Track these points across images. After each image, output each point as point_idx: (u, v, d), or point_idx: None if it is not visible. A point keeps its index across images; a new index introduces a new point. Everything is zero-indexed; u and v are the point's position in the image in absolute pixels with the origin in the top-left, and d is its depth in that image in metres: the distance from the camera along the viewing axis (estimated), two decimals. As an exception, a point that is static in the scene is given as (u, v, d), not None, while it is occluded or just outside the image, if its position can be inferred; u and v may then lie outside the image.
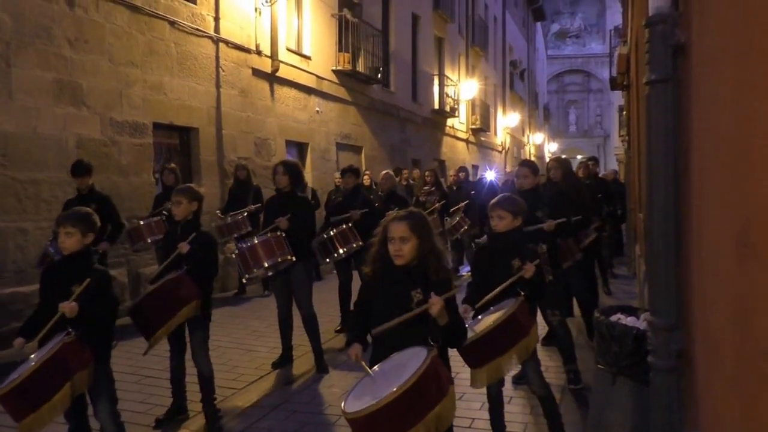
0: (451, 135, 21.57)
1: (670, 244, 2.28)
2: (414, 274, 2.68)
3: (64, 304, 3.09)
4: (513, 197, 3.81)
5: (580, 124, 51.13)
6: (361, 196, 6.97)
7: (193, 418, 4.40)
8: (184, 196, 4.24)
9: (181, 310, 3.96)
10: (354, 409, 2.29)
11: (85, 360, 3.16)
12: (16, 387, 2.95)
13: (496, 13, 28.88)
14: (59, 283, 3.29)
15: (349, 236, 6.34)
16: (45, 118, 6.56)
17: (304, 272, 5.50)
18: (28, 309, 6.16)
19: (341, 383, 5.15)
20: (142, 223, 6.92)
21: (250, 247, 5.17)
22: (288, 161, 5.77)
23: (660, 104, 2.30)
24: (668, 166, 2.29)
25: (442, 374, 2.44)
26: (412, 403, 2.28)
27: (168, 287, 4.00)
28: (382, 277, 2.78)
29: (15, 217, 6.25)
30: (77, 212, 3.45)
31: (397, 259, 2.68)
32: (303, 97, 11.79)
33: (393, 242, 2.67)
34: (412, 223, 2.68)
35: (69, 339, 3.08)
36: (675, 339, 2.25)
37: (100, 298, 3.25)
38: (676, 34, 2.24)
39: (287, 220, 5.30)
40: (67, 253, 3.37)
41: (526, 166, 5.19)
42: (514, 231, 3.64)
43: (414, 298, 2.62)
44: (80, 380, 3.11)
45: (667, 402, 2.26)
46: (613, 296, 8.27)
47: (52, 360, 2.99)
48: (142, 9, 7.85)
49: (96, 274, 3.32)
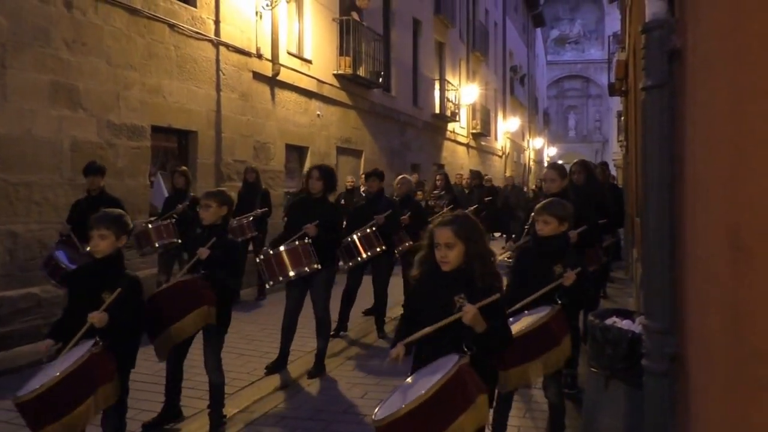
0: (451, 139, 21.59)
1: (664, 248, 2.28)
2: (459, 279, 2.63)
3: (93, 315, 3.01)
4: (562, 202, 3.76)
5: (579, 130, 51.29)
6: (384, 200, 6.93)
7: (186, 421, 4.37)
8: (215, 200, 4.12)
9: (189, 314, 3.81)
10: (379, 418, 2.30)
11: (110, 372, 3.07)
12: (38, 396, 2.82)
13: (496, 18, 28.96)
14: (90, 287, 3.20)
15: (373, 240, 6.33)
16: (40, 120, 6.53)
17: (326, 278, 5.45)
18: (16, 314, 6.12)
19: (335, 388, 5.14)
20: (151, 227, 6.85)
21: (277, 255, 5.11)
22: (323, 166, 5.68)
23: (656, 109, 2.30)
24: (663, 170, 2.29)
25: (470, 383, 2.37)
26: (435, 412, 2.25)
27: (179, 288, 3.90)
28: (428, 281, 2.74)
29: (5, 220, 6.19)
30: (111, 214, 3.35)
31: (443, 266, 2.64)
32: (303, 101, 11.80)
33: (439, 248, 2.64)
34: (457, 228, 2.63)
35: (96, 350, 2.98)
36: (669, 343, 2.24)
37: (129, 307, 3.16)
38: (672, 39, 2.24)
39: (316, 226, 5.25)
40: (100, 256, 3.25)
41: (553, 169, 5.07)
42: (558, 236, 3.60)
43: (457, 304, 2.56)
44: (104, 394, 3.02)
45: (661, 406, 2.25)
46: (610, 300, 8.27)
47: (78, 371, 2.89)
48: (141, 11, 7.86)
49: (127, 280, 3.23)
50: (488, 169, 25.93)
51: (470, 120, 23.85)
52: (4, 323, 6.03)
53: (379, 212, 6.59)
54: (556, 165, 5.51)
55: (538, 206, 3.70)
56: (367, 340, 6.64)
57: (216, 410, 4.22)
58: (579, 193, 5.36)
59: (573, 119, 51.61)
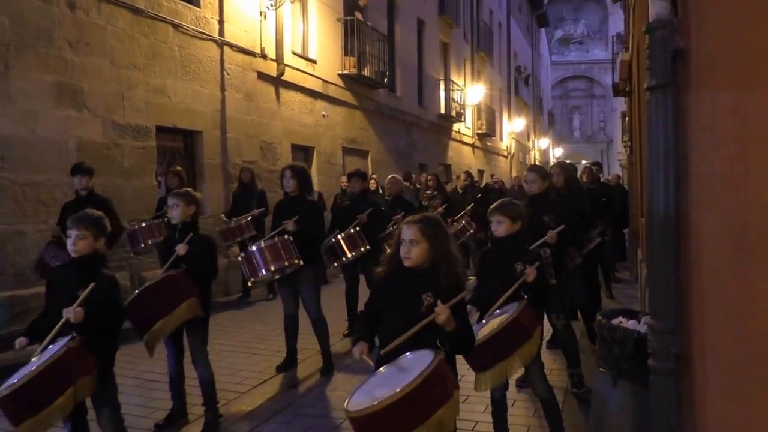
0: (457, 140, 21.59)
1: (669, 248, 2.28)
2: (425, 278, 2.71)
3: (68, 310, 3.04)
4: (512, 202, 3.83)
5: (583, 130, 51.20)
6: (368, 200, 6.95)
7: (193, 422, 4.38)
8: (182, 199, 4.22)
9: (178, 306, 3.92)
10: (356, 408, 2.30)
11: (89, 366, 3.10)
12: (16, 390, 2.87)
13: (500, 18, 28.95)
14: (67, 287, 3.24)
15: (357, 240, 6.34)
16: (45, 120, 6.56)
17: (312, 276, 5.47)
18: (27, 312, 6.17)
19: (346, 387, 5.14)
20: (144, 225, 6.88)
21: (258, 250, 5.14)
22: (295, 165, 5.73)
23: (660, 109, 2.30)
24: (668, 170, 2.29)
25: (447, 378, 2.44)
26: (415, 406, 2.28)
27: (165, 284, 3.97)
28: (394, 278, 2.81)
29: (13, 220, 6.24)
30: (90, 215, 3.38)
31: (405, 261, 2.72)
32: (309, 101, 11.82)
33: (403, 244, 2.72)
34: (423, 227, 2.72)
35: (73, 344, 3.02)
36: (674, 342, 2.24)
37: (106, 305, 3.20)
38: (675, 39, 2.24)
39: (294, 222, 5.28)
40: (77, 256, 3.29)
41: (534, 171, 5.18)
42: (513, 236, 3.66)
43: (424, 302, 2.65)
44: (83, 386, 3.06)
45: (666, 405, 2.25)
46: (616, 300, 8.26)
47: (55, 365, 2.93)
48: (145, 12, 7.88)
49: (104, 279, 3.27)
50: (494, 170, 25.95)
51: (475, 120, 23.84)
52: (15, 322, 6.08)
53: (363, 212, 6.61)
54: (537, 167, 5.67)
55: (491, 207, 3.77)
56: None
57: (211, 408, 4.23)
58: (558, 194, 5.44)
59: (578, 119, 51.53)
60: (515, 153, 32.07)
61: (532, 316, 3.43)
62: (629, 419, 2.75)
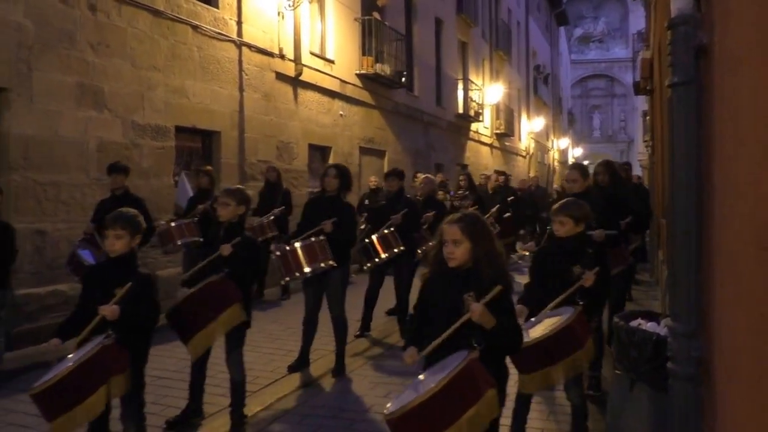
0: (475, 140, 21.49)
1: (691, 249, 2.23)
2: (469, 278, 2.68)
3: (104, 307, 3.07)
4: (577, 202, 3.75)
5: (604, 129, 50.70)
6: (404, 200, 6.93)
7: (208, 419, 4.41)
8: (233, 198, 4.19)
9: (222, 313, 3.91)
10: (390, 411, 2.36)
11: (123, 364, 3.13)
12: (51, 386, 2.90)
13: (519, 17, 28.77)
14: (103, 285, 3.26)
15: (391, 241, 6.33)
16: (66, 121, 6.65)
17: (341, 277, 5.47)
18: (43, 310, 6.26)
19: (358, 387, 5.13)
20: (173, 225, 6.96)
21: (293, 251, 5.15)
22: (340, 165, 5.73)
23: (682, 107, 2.26)
24: (690, 169, 2.25)
25: (480, 377, 2.42)
26: (444, 406, 2.30)
27: (210, 289, 3.95)
28: (438, 279, 2.80)
29: (33, 219, 6.33)
30: (126, 214, 3.40)
31: (449, 262, 2.70)
32: (326, 101, 11.83)
33: (446, 245, 2.70)
34: (464, 225, 2.70)
35: (108, 342, 3.05)
36: (695, 345, 2.19)
37: (141, 302, 3.22)
38: (698, 35, 2.19)
39: (332, 224, 5.28)
40: (115, 255, 3.32)
41: (576, 170, 5.07)
42: (575, 237, 3.60)
43: (465, 302, 2.61)
44: (117, 384, 3.08)
45: (686, 410, 2.20)
46: (636, 302, 8.14)
47: (90, 362, 2.96)
48: (165, 13, 7.95)
49: (140, 277, 3.29)
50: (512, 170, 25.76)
51: (494, 120, 23.70)
52: (32, 319, 6.17)
53: (398, 212, 6.59)
54: (579, 165, 5.48)
55: (554, 207, 3.73)
56: (390, 340, 6.63)
57: (237, 409, 4.24)
58: (603, 193, 5.31)
59: (598, 119, 51.03)
60: (534, 153, 31.83)
61: (585, 324, 3.35)
62: (646, 424, 2.70)
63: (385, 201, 7.16)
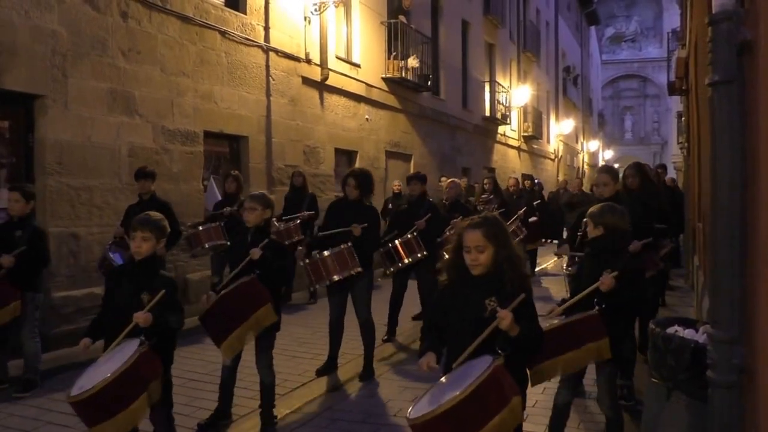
0: (502, 143, 21.32)
1: (734, 253, 2.14)
2: (489, 283, 2.61)
3: (138, 315, 3.09)
4: (612, 206, 3.67)
5: (636, 131, 49.84)
6: (427, 204, 6.89)
7: (238, 421, 4.43)
8: (259, 203, 4.28)
9: (254, 313, 3.98)
10: (414, 416, 2.32)
11: (158, 370, 3.16)
12: (92, 396, 2.89)
13: (548, 17, 28.50)
14: (129, 288, 3.30)
15: (414, 246, 6.30)
16: (99, 126, 6.77)
17: (367, 281, 5.49)
18: (80, 312, 6.39)
19: (385, 392, 5.10)
20: (201, 229, 7.09)
21: (323, 259, 5.18)
22: (357, 172, 5.67)
23: (724, 106, 2.18)
24: (734, 171, 2.16)
25: (505, 384, 2.37)
26: (470, 413, 2.26)
27: (240, 291, 4.02)
28: (458, 285, 2.72)
29: (68, 223, 6.46)
30: (152, 217, 3.44)
31: (474, 269, 2.62)
32: (352, 105, 11.85)
33: (469, 251, 2.62)
34: (486, 230, 2.61)
35: (144, 348, 3.07)
36: (737, 353, 2.10)
37: (168, 307, 3.25)
38: (741, 31, 2.12)
39: (361, 228, 5.29)
40: (140, 258, 3.35)
41: (606, 173, 4.98)
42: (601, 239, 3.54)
43: (487, 307, 2.56)
44: (154, 390, 3.11)
45: (727, 421, 2.11)
46: (669, 308, 7.97)
47: (130, 370, 2.97)
48: (193, 20, 8.04)
49: (165, 282, 3.33)
50: (540, 173, 25.51)
51: (521, 122, 23.49)
52: (69, 321, 6.29)
53: (421, 216, 6.54)
54: (609, 168, 5.35)
55: (589, 211, 3.66)
56: (416, 345, 6.56)
57: (267, 410, 4.27)
58: (633, 197, 5.18)
59: (629, 120, 50.19)
60: (563, 156, 31.46)
61: (594, 327, 3.26)
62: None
63: (407, 205, 7.12)
